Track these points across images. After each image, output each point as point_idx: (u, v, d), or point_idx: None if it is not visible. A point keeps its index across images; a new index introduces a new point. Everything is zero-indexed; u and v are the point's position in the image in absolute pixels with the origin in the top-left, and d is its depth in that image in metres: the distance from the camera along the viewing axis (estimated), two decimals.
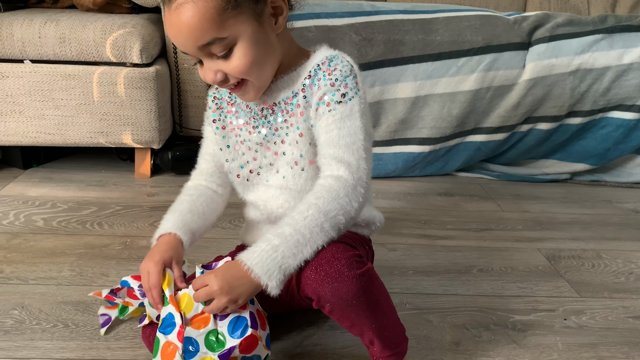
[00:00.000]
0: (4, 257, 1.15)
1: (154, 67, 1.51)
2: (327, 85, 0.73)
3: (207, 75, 0.71)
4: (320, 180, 0.72)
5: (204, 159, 0.89)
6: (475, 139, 1.71)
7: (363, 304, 0.70)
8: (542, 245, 1.33)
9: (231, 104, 0.84)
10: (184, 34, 0.66)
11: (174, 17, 0.66)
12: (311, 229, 0.67)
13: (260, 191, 0.83)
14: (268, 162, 0.81)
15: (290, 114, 0.77)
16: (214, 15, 0.65)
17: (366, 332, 0.75)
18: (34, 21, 1.46)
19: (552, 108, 1.65)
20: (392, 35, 1.60)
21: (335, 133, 0.72)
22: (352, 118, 0.73)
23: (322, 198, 0.69)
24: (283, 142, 0.79)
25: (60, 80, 1.49)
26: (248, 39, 0.69)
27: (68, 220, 1.34)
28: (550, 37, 1.63)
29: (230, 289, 0.67)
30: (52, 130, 1.54)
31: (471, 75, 1.62)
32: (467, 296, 1.09)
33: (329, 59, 0.75)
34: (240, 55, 0.69)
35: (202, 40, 0.67)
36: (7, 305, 0.98)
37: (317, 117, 0.74)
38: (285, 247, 0.66)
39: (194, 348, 0.70)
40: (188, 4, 0.64)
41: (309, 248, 0.67)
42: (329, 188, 0.70)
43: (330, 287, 0.67)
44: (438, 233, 1.37)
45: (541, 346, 0.95)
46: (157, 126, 1.55)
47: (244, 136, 0.82)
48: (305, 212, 0.68)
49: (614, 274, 1.21)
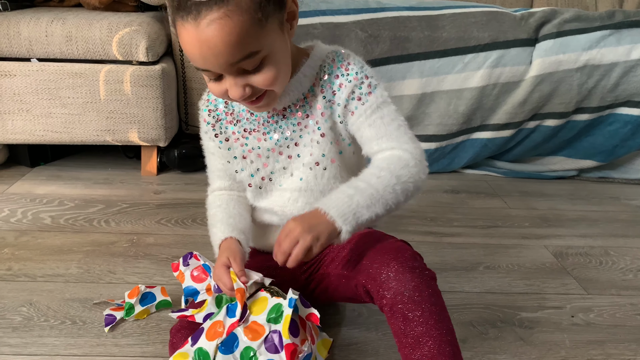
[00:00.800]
0: (12, 254, 1.16)
1: (160, 65, 1.52)
2: (352, 81, 0.74)
3: (234, 92, 0.66)
4: (385, 154, 0.73)
5: (217, 175, 0.86)
6: (482, 135, 1.70)
7: (427, 301, 0.68)
8: (549, 242, 1.32)
9: (229, 114, 0.81)
10: (218, 52, 0.61)
11: (204, 34, 0.60)
12: (384, 187, 0.68)
13: (274, 196, 0.83)
14: (281, 167, 0.81)
15: (304, 116, 0.77)
16: (249, 29, 0.62)
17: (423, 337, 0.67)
18: (40, 20, 1.47)
19: (559, 104, 1.64)
20: (398, 32, 1.59)
21: (379, 123, 0.74)
22: (386, 104, 0.75)
23: (393, 164, 0.70)
24: (297, 144, 0.78)
25: (67, 78, 1.50)
26: (276, 48, 0.66)
27: (75, 217, 1.35)
28: (557, 33, 1.62)
29: (310, 227, 0.66)
30: (59, 129, 1.55)
31: (477, 71, 1.61)
32: (474, 293, 1.09)
33: (334, 54, 0.75)
34: (270, 66, 0.66)
35: (238, 56, 0.63)
36: (15, 302, 0.99)
37: (348, 113, 0.75)
38: (360, 197, 0.67)
39: (232, 348, 0.69)
40: (223, 20, 0.60)
41: (381, 203, 0.68)
42: (398, 157, 0.71)
43: (401, 278, 0.68)
44: (444, 230, 1.37)
45: (548, 343, 0.94)
46: (163, 124, 1.56)
47: (251, 144, 0.80)
48: (378, 173, 0.70)
49: (621, 271, 1.20)
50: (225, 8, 0.59)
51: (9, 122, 1.53)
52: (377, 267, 0.70)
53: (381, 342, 0.93)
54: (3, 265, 1.12)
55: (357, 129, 0.75)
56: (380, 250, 0.72)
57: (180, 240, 1.25)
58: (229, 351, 0.68)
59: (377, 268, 0.70)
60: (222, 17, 0.60)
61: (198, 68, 0.66)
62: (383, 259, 0.70)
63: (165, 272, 1.11)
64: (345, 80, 0.74)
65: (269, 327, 0.69)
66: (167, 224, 1.33)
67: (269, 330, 0.69)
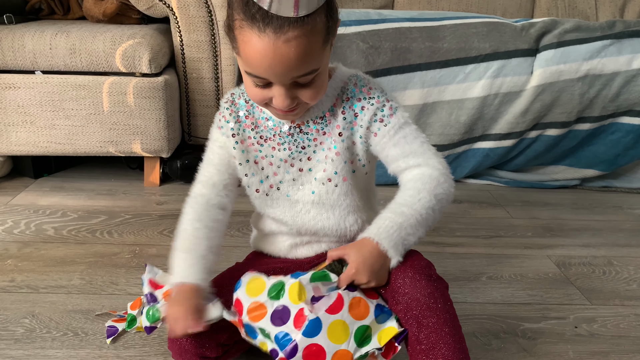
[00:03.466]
0: (15, 265, 1.16)
1: (162, 77, 1.53)
2: (374, 104, 0.77)
3: (282, 102, 0.68)
4: (413, 172, 0.77)
5: (217, 169, 0.83)
6: (484, 145, 1.70)
7: (442, 309, 0.69)
8: (552, 252, 1.32)
9: (249, 117, 0.82)
10: (289, 65, 0.64)
11: (281, 49, 0.63)
12: (426, 210, 0.73)
13: (283, 206, 0.83)
14: (291, 178, 0.81)
15: (321, 133, 0.78)
16: (318, 49, 0.66)
17: (438, 343, 0.68)
18: (45, 33, 1.48)
19: (560, 114, 1.65)
20: (399, 43, 1.60)
21: (402, 142, 0.77)
22: (407, 124, 0.78)
23: (428, 183, 0.75)
24: (309, 159, 0.80)
25: (71, 90, 1.51)
26: (325, 67, 0.70)
27: (78, 229, 1.35)
28: (558, 43, 1.62)
29: (372, 272, 0.71)
30: (62, 140, 1.55)
31: (479, 82, 1.62)
32: (476, 304, 1.08)
33: (356, 78, 0.79)
34: (318, 83, 0.69)
35: (302, 71, 0.66)
36: (17, 314, 0.99)
37: (371, 135, 0.78)
38: (408, 225, 0.72)
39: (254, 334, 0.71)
40: (301, 39, 0.63)
41: (423, 226, 0.73)
42: (429, 175, 0.75)
43: (417, 285, 0.69)
44: (447, 240, 1.36)
45: (552, 354, 0.94)
46: (166, 135, 1.57)
47: (265, 152, 0.81)
48: (417, 195, 0.74)
49: (625, 281, 1.20)
50: (305, 27, 0.63)
51: (13, 134, 1.54)
52: (392, 275, 0.72)
53: None
54: (6, 276, 1.12)
55: (382, 149, 0.78)
56: None
57: None
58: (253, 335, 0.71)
59: (392, 276, 0.72)
60: (300, 35, 0.63)
61: (251, 73, 0.67)
62: (398, 267, 0.72)
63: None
64: (367, 103, 0.77)
65: (271, 304, 0.70)
66: (170, 234, 1.34)
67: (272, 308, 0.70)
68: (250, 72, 0.67)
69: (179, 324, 0.71)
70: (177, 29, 1.59)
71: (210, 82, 1.66)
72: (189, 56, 1.63)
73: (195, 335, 0.72)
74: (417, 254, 0.76)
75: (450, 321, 0.69)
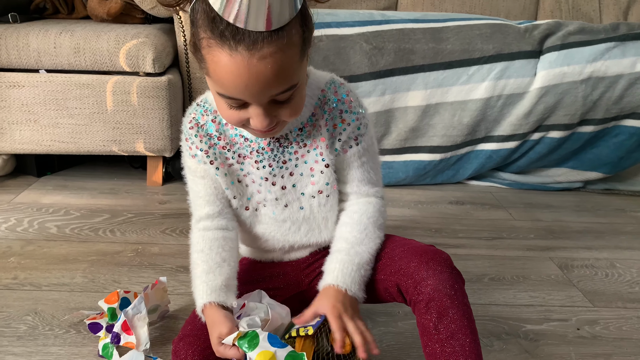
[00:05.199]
0: (18, 263, 1.17)
1: (166, 77, 1.53)
2: (354, 121, 0.76)
3: (260, 122, 0.64)
4: (362, 201, 0.81)
5: (206, 200, 0.80)
6: (487, 147, 1.70)
7: (462, 302, 0.71)
8: (554, 254, 1.32)
9: (222, 138, 0.77)
10: (266, 84, 0.60)
11: (257, 67, 0.58)
12: (375, 245, 0.78)
13: (270, 225, 0.82)
14: (273, 197, 0.79)
15: (302, 145, 0.76)
16: (296, 64, 0.61)
17: (457, 333, 0.69)
18: (49, 32, 1.49)
19: (564, 116, 1.64)
20: (402, 44, 1.60)
21: (366, 167, 0.80)
22: (373, 144, 0.81)
23: (373, 217, 0.80)
24: (292, 174, 0.78)
25: (75, 89, 1.51)
26: (304, 79, 0.66)
27: (81, 227, 1.35)
28: (561, 45, 1.62)
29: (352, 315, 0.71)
30: (66, 139, 1.56)
31: (482, 83, 1.62)
32: (479, 305, 1.08)
33: (334, 85, 0.76)
34: (297, 99, 0.66)
35: (281, 88, 0.61)
36: (20, 311, 0.99)
37: (342, 149, 0.77)
38: (364, 263, 0.76)
39: None
40: (278, 54, 0.58)
41: (374, 258, 0.78)
42: (375, 209, 0.80)
43: (440, 277, 0.71)
44: (449, 242, 1.36)
45: (554, 356, 0.94)
46: (169, 135, 1.57)
47: (246, 169, 0.78)
48: (364, 231, 0.78)
49: (628, 284, 1.20)
50: (280, 42, 0.58)
51: (16, 132, 1.55)
52: (415, 265, 0.72)
53: (385, 354, 0.92)
54: (9, 274, 1.12)
55: (347, 166, 0.79)
56: (417, 251, 0.75)
57: (184, 250, 1.25)
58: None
59: (415, 267, 0.72)
60: (276, 51, 0.58)
61: (224, 95, 0.63)
62: (421, 259, 0.73)
63: (169, 282, 1.11)
64: (349, 117, 0.76)
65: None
66: (172, 233, 1.34)
67: None
68: (224, 94, 0.63)
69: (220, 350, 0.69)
70: (181, 29, 1.60)
71: None
72: (192, 56, 1.63)
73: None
74: (436, 248, 0.76)
75: (469, 314, 0.71)
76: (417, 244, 0.78)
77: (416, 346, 0.94)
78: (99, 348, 0.88)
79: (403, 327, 1.00)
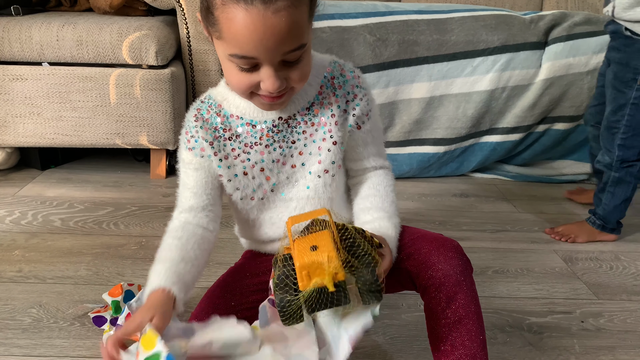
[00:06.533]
0: (22, 256, 1.17)
1: (169, 69, 1.53)
2: (366, 95, 0.78)
3: (272, 83, 0.65)
4: (378, 174, 0.83)
5: (193, 192, 0.80)
6: (491, 139, 1.69)
7: (471, 288, 0.72)
8: (558, 247, 1.31)
9: (227, 130, 0.77)
10: (280, 38, 0.62)
11: (271, 20, 0.60)
12: (397, 210, 0.81)
13: (278, 207, 0.81)
14: (284, 177, 0.79)
15: (309, 124, 0.77)
16: (306, 21, 0.64)
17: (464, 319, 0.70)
18: (52, 24, 1.48)
19: (569, 108, 1.63)
20: (406, 36, 1.59)
21: (376, 141, 0.81)
22: (379, 118, 0.82)
23: (390, 186, 0.83)
24: (301, 153, 0.78)
25: (78, 82, 1.51)
26: (310, 44, 0.68)
27: (85, 220, 1.35)
28: (567, 37, 1.61)
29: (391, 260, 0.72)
30: (69, 132, 1.56)
31: (487, 75, 1.61)
32: (482, 297, 1.07)
33: (339, 64, 0.78)
34: (306, 62, 0.68)
35: (293, 45, 0.63)
36: (25, 304, 1.00)
37: (357, 125, 0.78)
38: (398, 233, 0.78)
39: None
40: (290, 9, 0.61)
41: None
42: (390, 177, 0.84)
43: (451, 263, 0.72)
44: (453, 234, 1.36)
45: (558, 349, 0.93)
46: (172, 127, 1.57)
47: (254, 158, 0.78)
48: (392, 201, 0.82)
49: (632, 276, 1.19)
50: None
51: (20, 126, 1.55)
52: (426, 251, 0.74)
53: (389, 346, 0.92)
54: (13, 267, 1.13)
55: (361, 143, 0.80)
56: (427, 237, 0.76)
57: None
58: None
59: (426, 253, 0.73)
60: (289, 5, 0.61)
61: (237, 55, 0.64)
62: (432, 245, 0.74)
63: None
64: (360, 92, 0.78)
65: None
66: None
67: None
68: (237, 54, 0.64)
69: (129, 325, 0.64)
70: (184, 21, 1.59)
71: (217, 74, 1.66)
72: (195, 48, 1.63)
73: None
74: (446, 237, 0.77)
75: (477, 301, 0.72)
76: (426, 232, 0.79)
77: (419, 338, 0.94)
78: (103, 341, 0.88)
79: (406, 320, 1.00)
